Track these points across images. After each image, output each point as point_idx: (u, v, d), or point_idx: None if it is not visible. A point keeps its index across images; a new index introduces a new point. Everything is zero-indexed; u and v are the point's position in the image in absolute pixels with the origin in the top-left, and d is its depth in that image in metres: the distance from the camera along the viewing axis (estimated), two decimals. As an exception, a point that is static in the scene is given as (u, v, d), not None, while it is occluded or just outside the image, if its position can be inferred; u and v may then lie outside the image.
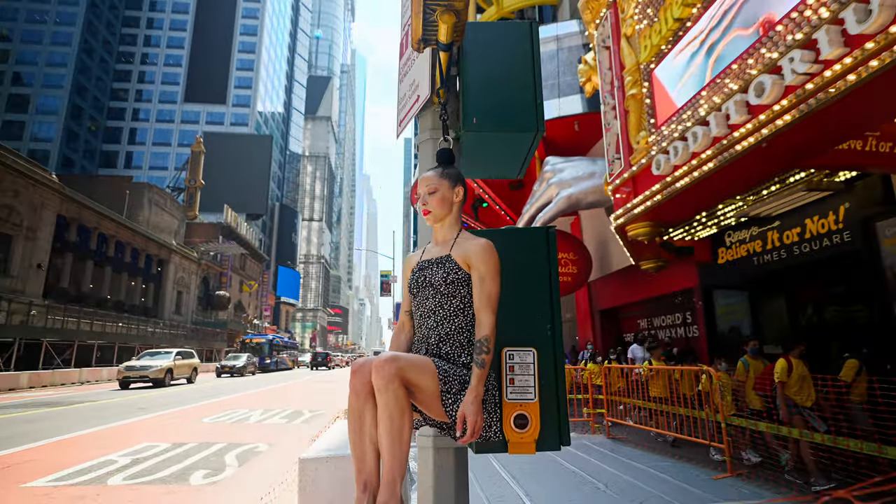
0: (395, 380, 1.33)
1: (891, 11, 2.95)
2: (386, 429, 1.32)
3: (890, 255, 5.58)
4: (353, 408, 1.43)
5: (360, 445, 1.41)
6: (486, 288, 1.53)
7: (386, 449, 1.33)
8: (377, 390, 1.34)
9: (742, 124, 4.18)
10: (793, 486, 4.24)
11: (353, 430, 1.42)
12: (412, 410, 1.40)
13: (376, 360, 1.37)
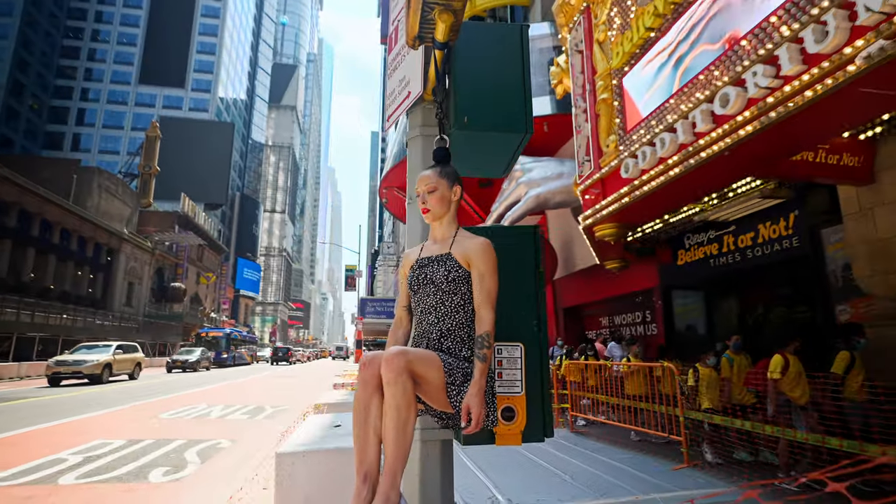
0: (404, 372, 1.36)
1: (845, 34, 3.17)
2: (393, 420, 1.35)
3: (833, 261, 6.00)
4: (359, 399, 1.45)
5: (363, 437, 1.43)
6: (486, 285, 1.57)
7: (391, 440, 1.36)
8: (387, 382, 1.37)
9: (707, 132, 4.39)
10: (743, 476, 4.51)
11: (358, 422, 1.44)
12: (417, 403, 1.43)
13: (386, 354, 1.40)
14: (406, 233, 2.17)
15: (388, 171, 16.50)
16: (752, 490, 3.43)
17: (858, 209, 5.19)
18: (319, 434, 3.10)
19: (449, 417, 1.58)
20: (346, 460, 2.68)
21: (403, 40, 2.30)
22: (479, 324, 1.56)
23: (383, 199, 18.23)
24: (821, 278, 6.17)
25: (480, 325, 1.56)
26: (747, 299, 8.19)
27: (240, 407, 10.68)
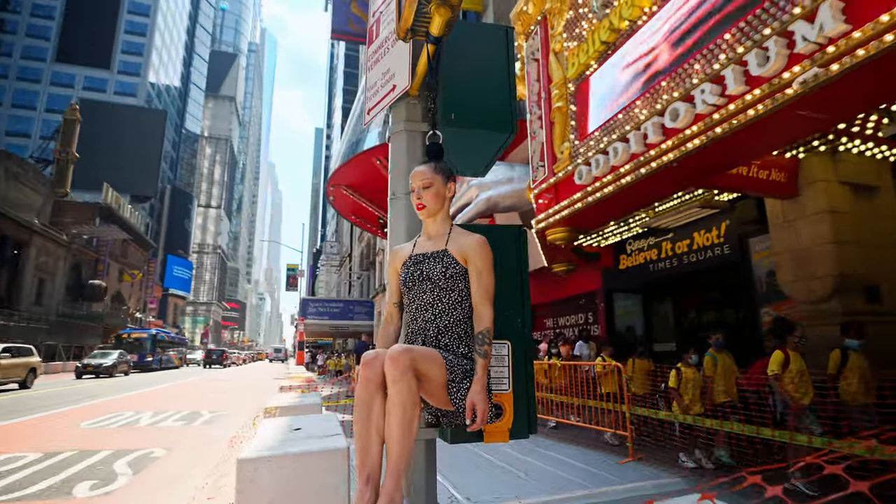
0: (409, 370, 1.33)
1: (784, 60, 3.48)
2: (398, 419, 1.32)
3: (759, 267, 6.56)
4: (361, 399, 1.40)
5: (365, 437, 1.38)
6: (484, 282, 1.57)
7: (395, 439, 1.32)
8: (392, 381, 1.33)
9: (658, 144, 4.66)
10: (684, 466, 4.81)
11: (360, 422, 1.39)
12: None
13: (391, 352, 1.36)
14: (389, 230, 2.13)
15: (337, 169, 16.12)
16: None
17: (783, 220, 5.71)
18: (280, 438, 2.96)
19: (446, 415, 1.57)
20: (312, 465, 2.57)
21: (387, 33, 2.26)
22: (479, 320, 1.56)
23: (330, 197, 17.79)
24: (748, 283, 6.72)
25: (480, 321, 1.56)
26: (682, 302, 8.77)
27: (172, 413, 10.00)
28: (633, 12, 5.20)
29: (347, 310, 32.14)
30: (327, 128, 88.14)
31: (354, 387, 8.88)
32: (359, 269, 40.55)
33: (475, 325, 1.57)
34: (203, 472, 5.17)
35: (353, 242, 44.40)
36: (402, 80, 2.04)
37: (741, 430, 4.33)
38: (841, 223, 5.26)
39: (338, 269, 51.72)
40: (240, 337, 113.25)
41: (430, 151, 1.83)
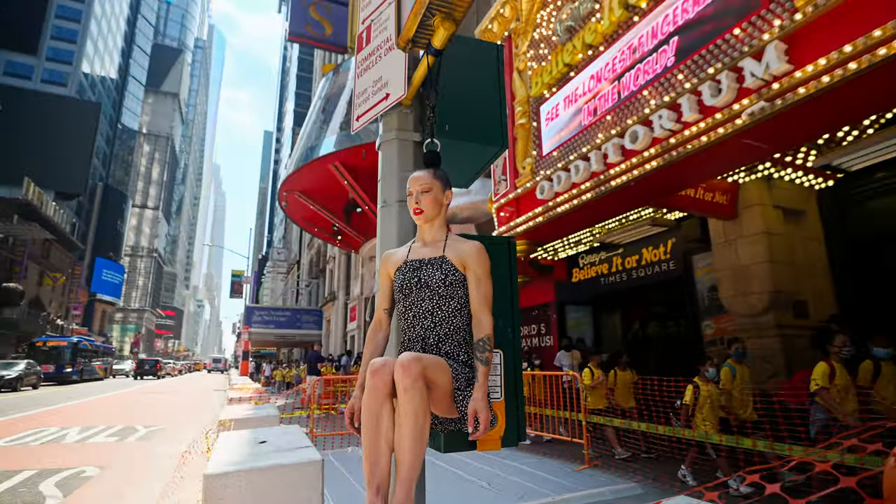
0: (420, 378, 1.33)
1: (734, 93, 3.80)
2: (410, 427, 1.31)
3: (701, 283, 7.01)
4: (369, 409, 1.37)
5: (375, 447, 1.36)
6: (483, 289, 1.59)
7: (407, 449, 1.31)
8: (404, 389, 1.32)
9: (617, 164, 4.91)
10: (637, 474, 5.02)
11: (369, 432, 1.36)
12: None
13: (402, 360, 1.35)
14: (379, 238, 2.11)
15: (291, 174, 15.72)
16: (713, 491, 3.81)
17: (724, 240, 6.16)
18: (245, 452, 2.83)
19: (444, 422, 1.57)
20: (285, 479, 2.49)
21: (379, 41, 2.27)
22: (479, 328, 1.57)
23: (283, 202, 17.29)
24: (691, 297, 7.16)
25: (480, 329, 1.57)
26: (629, 314, 9.20)
27: (103, 428, 9.25)
28: (595, 38, 5.48)
29: (295, 318, 31.13)
30: (277, 131, 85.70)
31: (304, 399, 8.56)
32: (307, 277, 39.47)
33: (475, 332, 1.59)
34: (144, 492, 4.83)
35: (302, 249, 43.21)
36: (397, 90, 2.05)
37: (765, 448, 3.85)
38: (774, 244, 5.74)
39: (285, 276, 50.09)
40: (175, 346, 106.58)
41: (429, 159, 1.84)
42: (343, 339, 26.87)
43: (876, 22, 2.96)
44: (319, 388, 9.93)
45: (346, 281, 27.98)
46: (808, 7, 3.35)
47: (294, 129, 55.21)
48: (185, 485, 4.61)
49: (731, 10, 3.99)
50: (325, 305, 31.04)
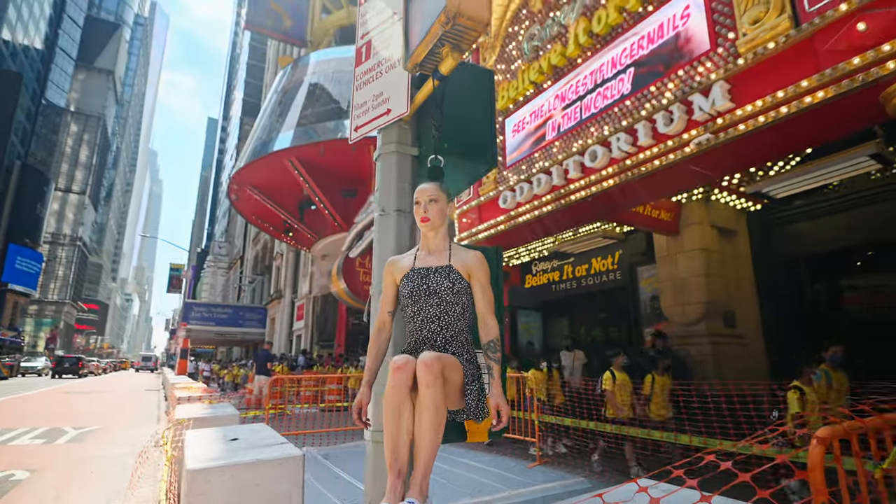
0: (440, 375, 1.50)
1: (684, 123, 4.22)
2: (430, 420, 1.48)
3: (644, 292, 7.57)
4: (392, 402, 1.52)
5: (397, 437, 1.51)
6: (488, 295, 1.78)
7: (428, 439, 1.47)
8: (426, 385, 1.48)
9: (577, 179, 5.27)
10: (584, 470, 5.38)
11: (392, 422, 1.51)
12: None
13: (425, 359, 1.51)
14: (376, 245, 2.24)
15: (243, 167, 15.24)
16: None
17: (667, 254, 6.71)
18: (221, 448, 2.86)
19: (456, 413, 1.74)
20: (267, 473, 2.56)
21: (381, 58, 2.40)
22: (488, 331, 1.76)
23: (232, 195, 16.70)
24: (634, 305, 7.72)
25: (489, 331, 1.75)
26: (576, 320, 9.72)
27: (25, 430, 8.58)
28: (560, 60, 5.84)
29: (237, 316, 29.97)
30: (223, 119, 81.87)
31: (250, 399, 8.38)
32: (252, 274, 38.05)
33: (484, 334, 1.77)
34: (86, 494, 4.62)
35: (246, 244, 41.57)
36: (400, 107, 2.20)
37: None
38: (710, 259, 6.34)
39: (226, 271, 47.99)
40: (98, 342, 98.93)
41: (433, 174, 2.01)
42: (288, 338, 26.18)
43: (803, 73, 3.44)
44: (265, 388, 9.72)
45: (294, 279, 27.30)
46: (748, 54, 3.81)
47: (242, 118, 53.05)
48: (144, 484, 4.47)
49: (683, 52, 4.43)
50: (271, 303, 30.10)
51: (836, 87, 3.25)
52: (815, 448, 1.30)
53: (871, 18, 3.09)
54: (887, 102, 3.22)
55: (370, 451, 2.02)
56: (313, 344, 23.06)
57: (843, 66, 3.22)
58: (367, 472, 2.03)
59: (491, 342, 1.75)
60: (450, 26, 1.78)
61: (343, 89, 14.76)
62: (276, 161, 14.46)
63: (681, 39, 4.48)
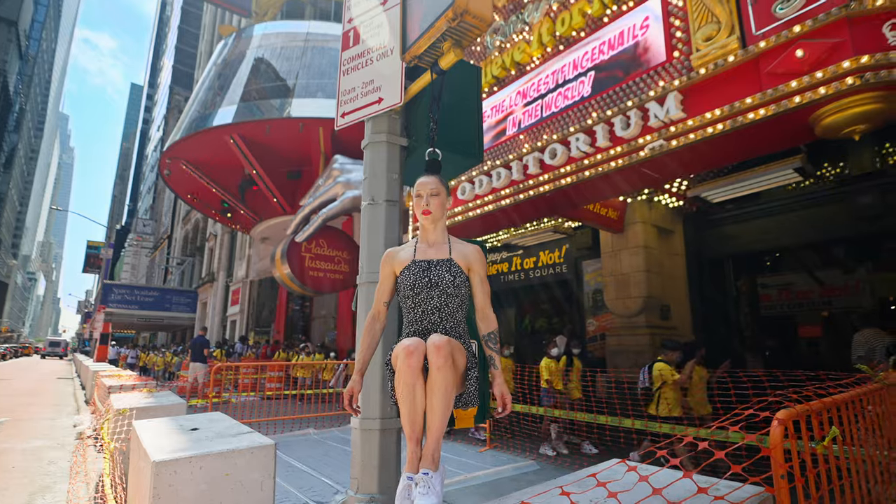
0: (450, 358, 1.60)
1: (640, 128, 4.48)
2: (441, 397, 1.59)
3: (588, 285, 7.99)
4: (406, 382, 1.62)
5: (413, 412, 1.63)
6: (486, 288, 1.85)
7: (439, 414, 1.60)
8: (437, 367, 1.57)
9: (536, 175, 5.45)
10: (532, 454, 5.66)
11: (407, 401, 1.62)
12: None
13: (437, 342, 1.60)
14: (364, 234, 2.23)
15: (178, 141, 14.20)
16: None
17: (612, 250, 7.12)
18: (184, 439, 2.76)
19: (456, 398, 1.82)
20: (238, 463, 2.51)
21: (371, 45, 2.37)
22: (488, 322, 1.83)
23: (165, 171, 15.56)
24: (578, 298, 8.13)
25: (489, 323, 1.83)
26: (522, 310, 10.08)
27: (-82, 423, 7.65)
28: (523, 58, 5.97)
29: (164, 299, 28.15)
30: (150, 87, 75.61)
31: (184, 388, 7.99)
32: (180, 255, 35.75)
33: (484, 325, 1.84)
34: (14, 492, 4.25)
35: (175, 223, 38.91)
36: (393, 97, 2.19)
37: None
38: (649, 256, 6.81)
39: (151, 251, 44.75)
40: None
41: (433, 167, 2.03)
42: (221, 324, 24.97)
43: (748, 91, 3.77)
44: (207, 375, 9.28)
45: (230, 261, 26.00)
46: (700, 68, 4.11)
47: (173, 87, 49.37)
48: (75, 478, 4.18)
49: (641, 60, 4.70)
50: (202, 287, 28.48)
51: (776, 106, 3.60)
52: (775, 428, 1.49)
53: (809, 47, 3.45)
54: (816, 124, 3.62)
55: (358, 439, 2.04)
56: (249, 330, 22.18)
57: (782, 88, 3.57)
58: (354, 459, 2.05)
59: (491, 333, 1.83)
60: (456, 23, 1.81)
61: (291, 66, 14.15)
62: (217, 137, 13.64)
63: (639, 48, 4.74)
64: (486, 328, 1.86)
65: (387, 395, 2.07)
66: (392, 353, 1.74)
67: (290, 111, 13.24)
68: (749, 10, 3.89)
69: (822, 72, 3.38)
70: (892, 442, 2.39)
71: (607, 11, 5.12)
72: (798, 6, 3.60)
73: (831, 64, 3.35)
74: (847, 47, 3.31)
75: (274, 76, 14.31)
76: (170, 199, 41.94)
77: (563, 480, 1.82)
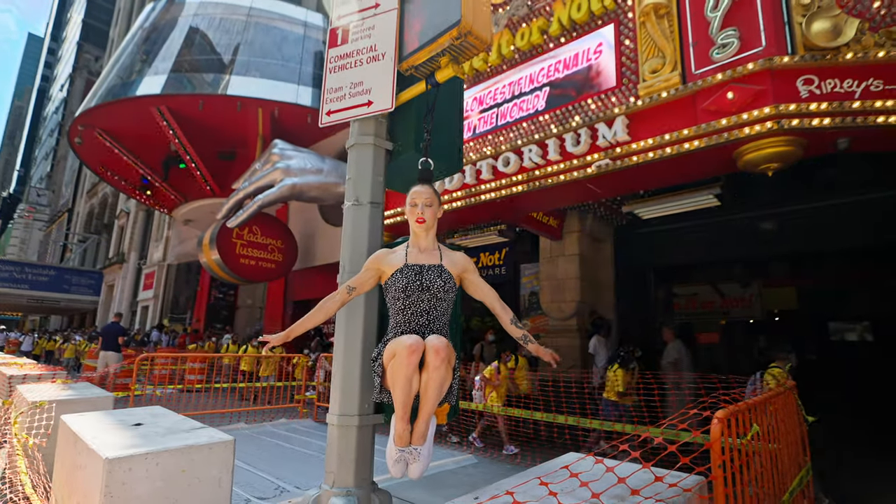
0: (446, 360, 1.75)
1: (588, 146, 4.82)
2: (436, 390, 1.78)
3: (525, 287, 8.39)
4: (405, 375, 1.75)
5: (408, 398, 1.80)
6: (488, 286, 1.99)
7: (432, 402, 1.80)
8: (434, 368, 1.73)
9: (488, 181, 5.66)
10: (469, 448, 5.88)
11: (404, 391, 1.78)
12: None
13: (436, 344, 1.74)
14: (347, 233, 2.26)
15: (95, 106, 12.89)
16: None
17: (549, 256, 7.53)
18: (131, 434, 2.63)
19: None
20: (196, 459, 2.45)
21: (360, 47, 2.40)
22: (507, 309, 2.05)
23: (76, 138, 14.05)
24: (516, 299, 8.51)
25: (508, 310, 2.06)
26: (461, 309, 10.32)
27: None
28: (482, 66, 6.15)
29: (62, 280, 25.40)
30: (52, 40, 67.49)
31: (93, 378, 7.36)
32: (83, 231, 32.34)
33: (505, 313, 2.04)
34: None
35: (77, 196, 35.11)
36: (384, 102, 2.24)
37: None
38: (583, 264, 7.30)
39: (46, 225, 40.08)
40: None
41: (425, 176, 2.12)
42: (131, 308, 22.99)
43: (685, 123, 4.21)
44: (121, 366, 8.58)
45: (143, 242, 24.01)
46: (646, 97, 4.51)
47: (82, 44, 44.49)
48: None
49: (593, 83, 5.05)
50: (109, 268, 26.01)
51: (708, 139, 4.06)
52: (716, 425, 1.75)
53: (738, 90, 3.92)
54: (739, 158, 4.12)
55: (335, 434, 2.08)
56: (163, 316, 20.66)
57: (713, 124, 4.03)
58: (330, 453, 2.09)
59: (513, 317, 2.03)
60: (458, 42, 1.91)
61: (231, 40, 13.36)
62: (141, 107, 12.56)
63: (592, 71, 5.09)
64: (507, 314, 2.04)
65: (365, 393, 2.13)
66: (386, 349, 1.83)
67: (227, 88, 12.51)
68: (690, 51, 4.32)
69: (748, 114, 3.86)
70: (787, 435, 2.83)
71: (564, 32, 5.43)
72: (731, 53, 4.08)
73: (755, 108, 3.83)
74: (768, 95, 3.80)
75: (209, 49, 13.43)
76: (72, 168, 37.78)
77: (540, 471, 1.99)
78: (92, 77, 39.36)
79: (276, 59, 13.06)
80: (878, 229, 5.93)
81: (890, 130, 3.68)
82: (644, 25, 4.66)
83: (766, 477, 2.22)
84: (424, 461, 1.95)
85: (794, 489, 2.65)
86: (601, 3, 5.06)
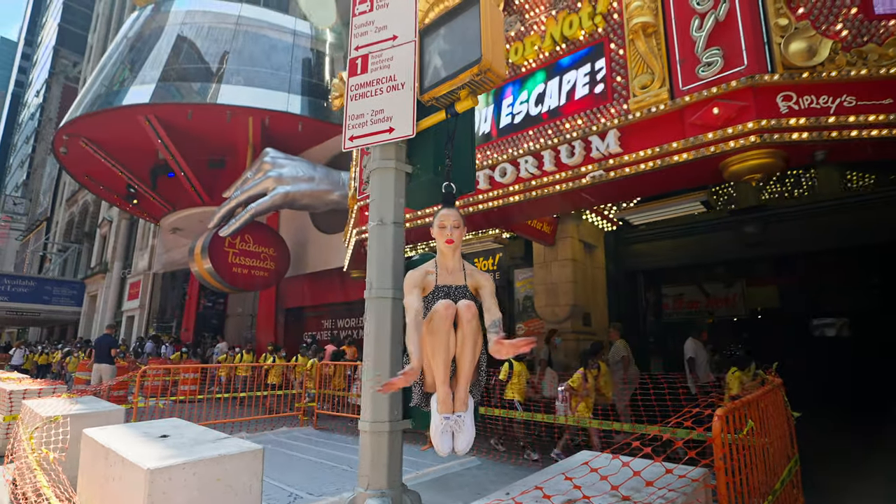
0: (476, 315, 1.98)
1: (582, 157, 5.05)
2: (471, 346, 1.96)
3: (519, 292, 8.60)
4: (442, 330, 1.93)
5: (447, 357, 1.96)
6: (495, 298, 2.15)
7: (469, 360, 1.96)
8: (467, 320, 1.94)
9: (485, 191, 5.84)
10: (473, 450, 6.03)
11: (442, 348, 1.94)
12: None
13: (465, 302, 1.99)
14: (376, 250, 2.41)
15: (81, 116, 12.79)
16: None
17: (543, 261, 7.75)
18: (163, 445, 2.75)
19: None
20: (230, 468, 2.59)
21: (381, 76, 2.55)
22: (492, 314, 2.08)
23: (62, 147, 13.89)
24: (510, 303, 8.71)
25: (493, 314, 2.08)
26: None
27: None
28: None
29: (42, 290, 24.89)
30: (26, 45, 65.98)
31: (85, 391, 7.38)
32: (63, 241, 31.71)
33: (489, 316, 2.06)
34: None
35: (56, 204, 34.40)
36: (405, 129, 2.40)
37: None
38: (576, 268, 7.53)
39: (23, 234, 39.17)
40: None
41: (449, 199, 2.29)
42: (115, 319, 22.62)
43: (674, 137, 4.45)
44: (114, 379, 8.55)
45: (127, 251, 23.69)
46: (637, 112, 4.75)
47: (58, 49, 43.63)
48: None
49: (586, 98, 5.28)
50: (91, 278, 25.56)
51: (696, 152, 4.30)
52: (717, 422, 1.95)
53: (723, 106, 4.17)
54: (724, 170, 4.38)
55: (367, 440, 2.22)
56: (149, 326, 20.41)
57: (700, 138, 4.28)
58: (363, 458, 2.23)
59: (494, 321, 2.06)
60: (479, 77, 2.09)
61: (219, 49, 13.36)
62: (128, 116, 12.50)
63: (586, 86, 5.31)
64: (491, 317, 2.03)
65: (395, 400, 2.28)
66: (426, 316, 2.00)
67: (217, 97, 12.52)
68: (678, 68, 4.57)
69: (732, 128, 4.12)
70: (774, 429, 3.07)
71: (557, 49, 5.66)
72: (716, 71, 4.33)
73: (739, 123, 4.09)
74: (751, 111, 4.06)
75: (197, 58, 13.42)
76: (51, 176, 37.01)
77: (561, 468, 2.17)
78: (69, 83, 38.59)
79: (265, 68, 13.11)
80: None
81: (862, 143, 3.97)
82: (633, 43, 4.90)
83: (759, 468, 2.43)
84: (469, 432, 2.04)
85: (784, 479, 2.88)
86: (591, 21, 5.30)
